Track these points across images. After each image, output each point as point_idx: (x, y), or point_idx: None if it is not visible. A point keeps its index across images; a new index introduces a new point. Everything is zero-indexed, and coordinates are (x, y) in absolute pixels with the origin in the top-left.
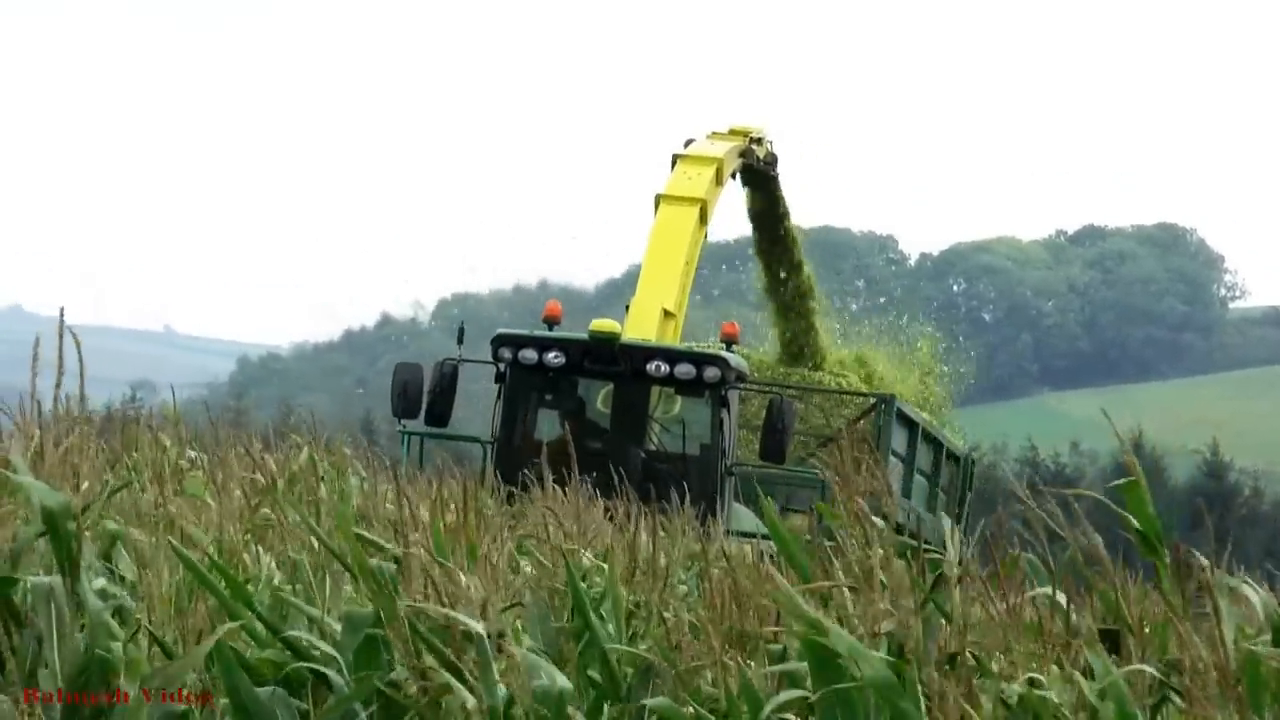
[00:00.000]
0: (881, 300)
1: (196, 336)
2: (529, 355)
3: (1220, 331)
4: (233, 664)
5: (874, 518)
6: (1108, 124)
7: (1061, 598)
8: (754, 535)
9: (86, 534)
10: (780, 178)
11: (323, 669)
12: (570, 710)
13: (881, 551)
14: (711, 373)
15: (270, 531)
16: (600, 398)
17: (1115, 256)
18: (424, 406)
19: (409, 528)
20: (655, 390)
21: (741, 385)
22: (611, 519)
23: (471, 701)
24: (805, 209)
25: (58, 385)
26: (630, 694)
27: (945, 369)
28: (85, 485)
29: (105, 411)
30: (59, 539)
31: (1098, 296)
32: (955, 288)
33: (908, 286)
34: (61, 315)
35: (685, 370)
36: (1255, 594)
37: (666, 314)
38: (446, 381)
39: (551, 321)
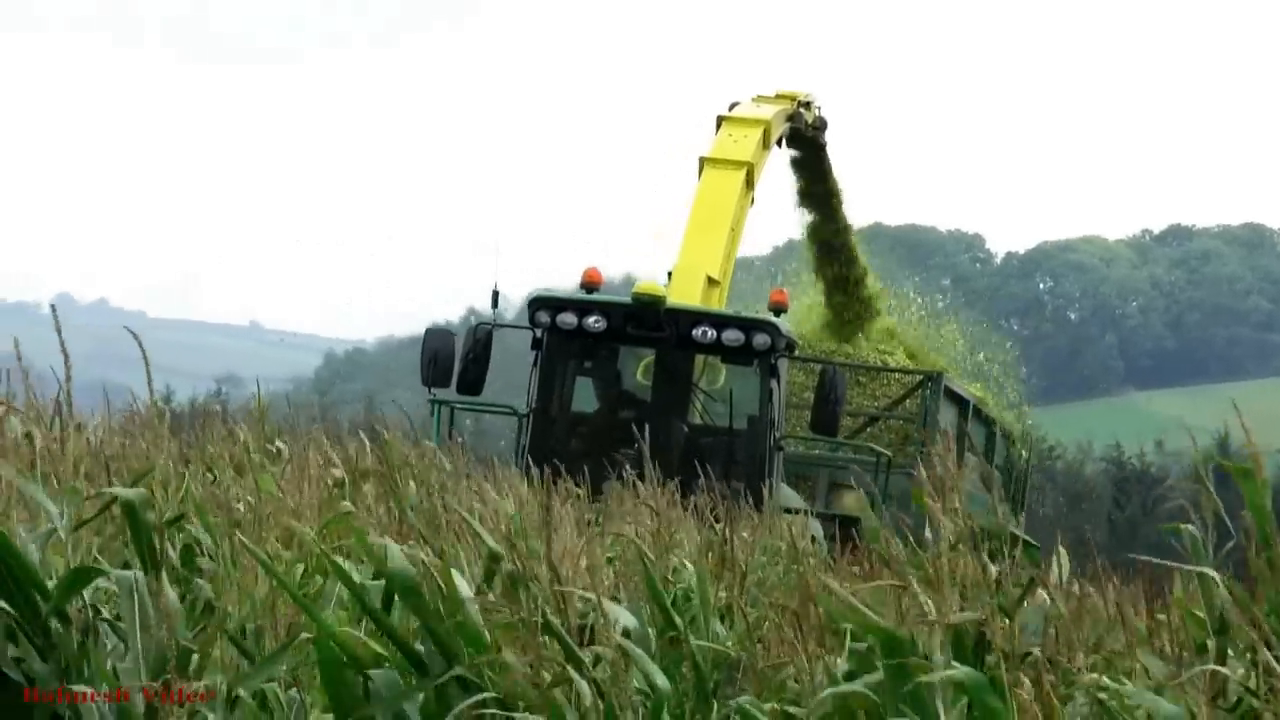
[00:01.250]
0: (963, 299)
1: (283, 331)
2: (568, 319)
3: None
4: (333, 654)
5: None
6: (1194, 123)
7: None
8: (797, 512)
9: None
10: (829, 144)
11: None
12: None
13: (960, 547)
14: (761, 340)
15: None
16: (640, 369)
17: (1200, 256)
18: (456, 374)
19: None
20: (699, 359)
21: (792, 355)
22: (693, 512)
23: (589, 696)
24: (892, 207)
25: (151, 382)
26: (717, 690)
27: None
28: (160, 478)
29: (189, 405)
30: (138, 531)
31: (1183, 296)
32: (1041, 286)
33: (995, 285)
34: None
35: (733, 337)
36: None
37: (711, 281)
38: (480, 348)
39: (591, 287)
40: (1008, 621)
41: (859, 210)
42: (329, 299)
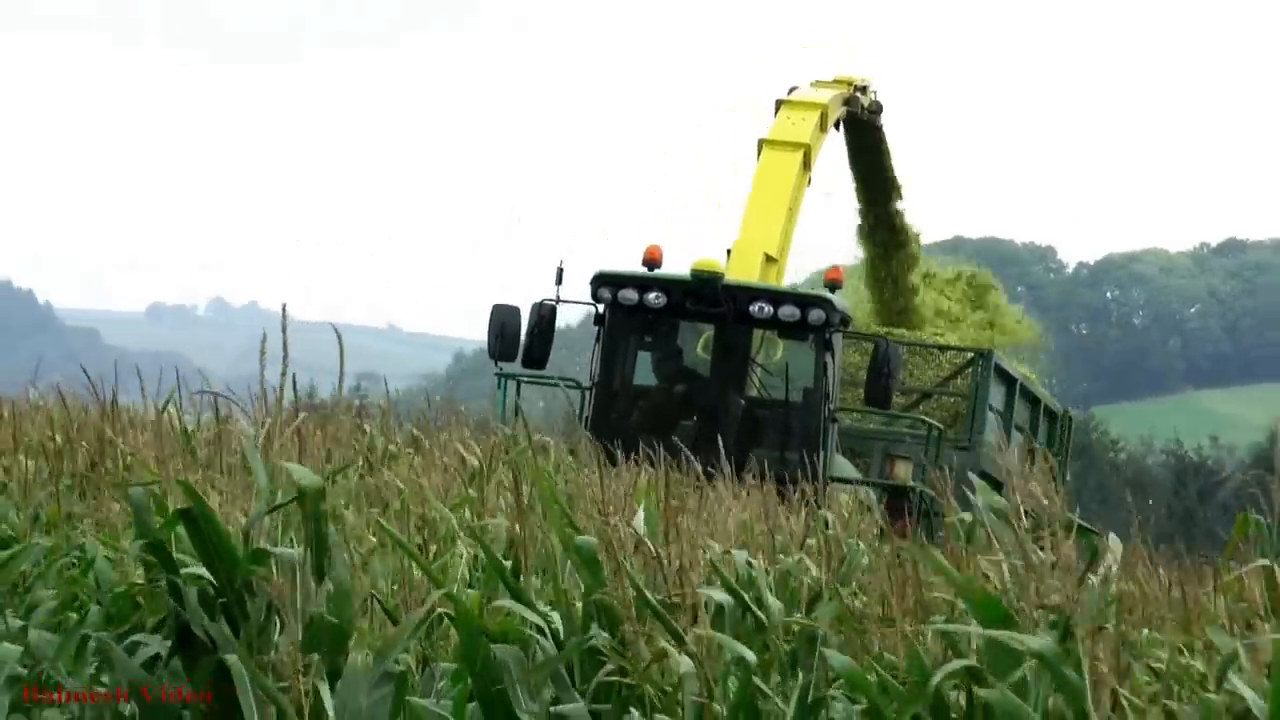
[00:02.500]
0: (1037, 308)
1: (418, 333)
2: (629, 295)
3: None
4: (473, 626)
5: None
6: (1249, 143)
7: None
8: (851, 482)
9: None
10: (885, 128)
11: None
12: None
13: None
14: (816, 315)
15: (469, 509)
16: (700, 343)
17: (1254, 267)
18: (521, 349)
19: (609, 509)
20: (757, 333)
21: (846, 330)
22: (784, 500)
23: (688, 666)
24: (973, 221)
25: (282, 374)
26: (796, 662)
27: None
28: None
29: (330, 400)
30: (311, 516)
31: (1238, 304)
32: (1109, 295)
33: (1066, 293)
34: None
35: (789, 312)
36: None
37: (769, 259)
38: (545, 323)
39: (652, 264)
40: (1084, 599)
41: (942, 224)
42: (462, 302)
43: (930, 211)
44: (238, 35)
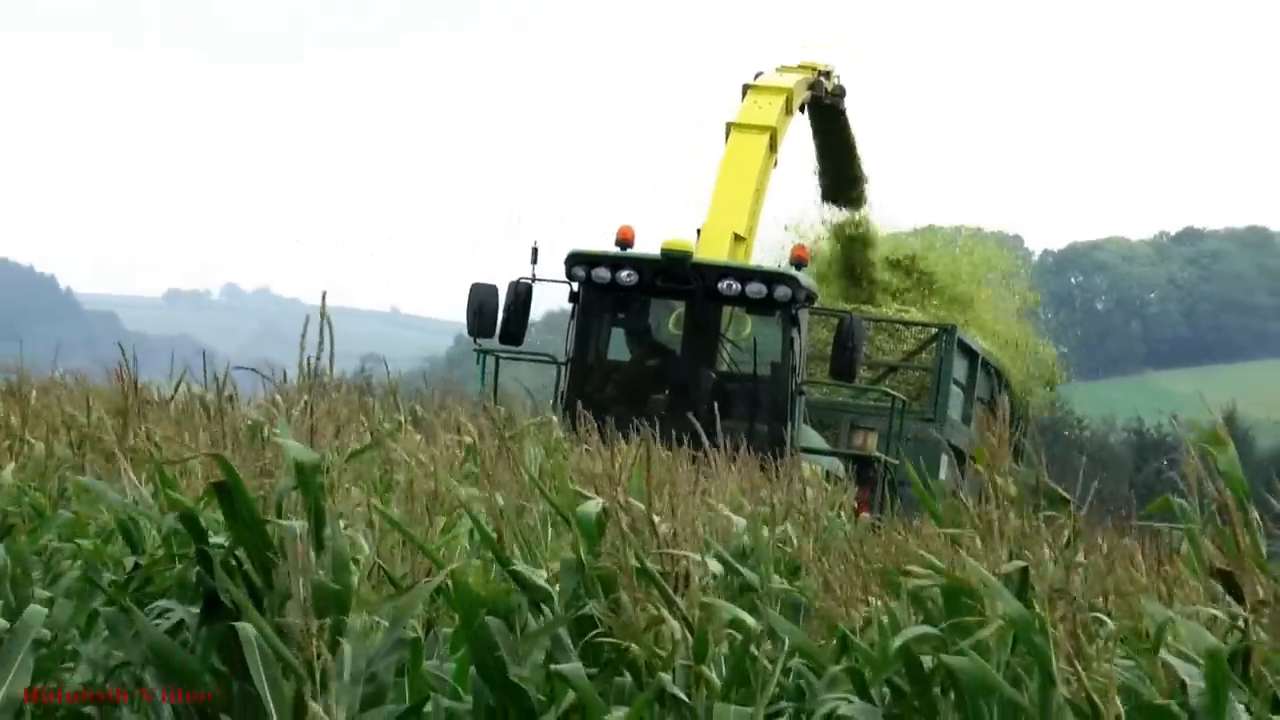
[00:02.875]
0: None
1: (419, 316)
2: (602, 274)
3: None
4: (470, 594)
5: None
6: (1206, 135)
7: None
8: (819, 452)
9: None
10: (848, 112)
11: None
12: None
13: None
14: (783, 292)
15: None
16: (671, 320)
17: (1211, 255)
18: (499, 325)
19: (613, 482)
20: (726, 310)
21: (812, 306)
22: (765, 471)
23: (680, 632)
24: (945, 209)
25: (316, 358)
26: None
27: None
28: (324, 442)
29: (340, 380)
30: (309, 490)
31: (1196, 290)
32: (1073, 280)
33: (1032, 279)
34: (324, 300)
35: (756, 289)
36: None
37: (737, 238)
38: (521, 301)
39: (624, 243)
40: (1051, 568)
41: (916, 211)
42: (461, 287)
43: (905, 199)
44: (238, 35)
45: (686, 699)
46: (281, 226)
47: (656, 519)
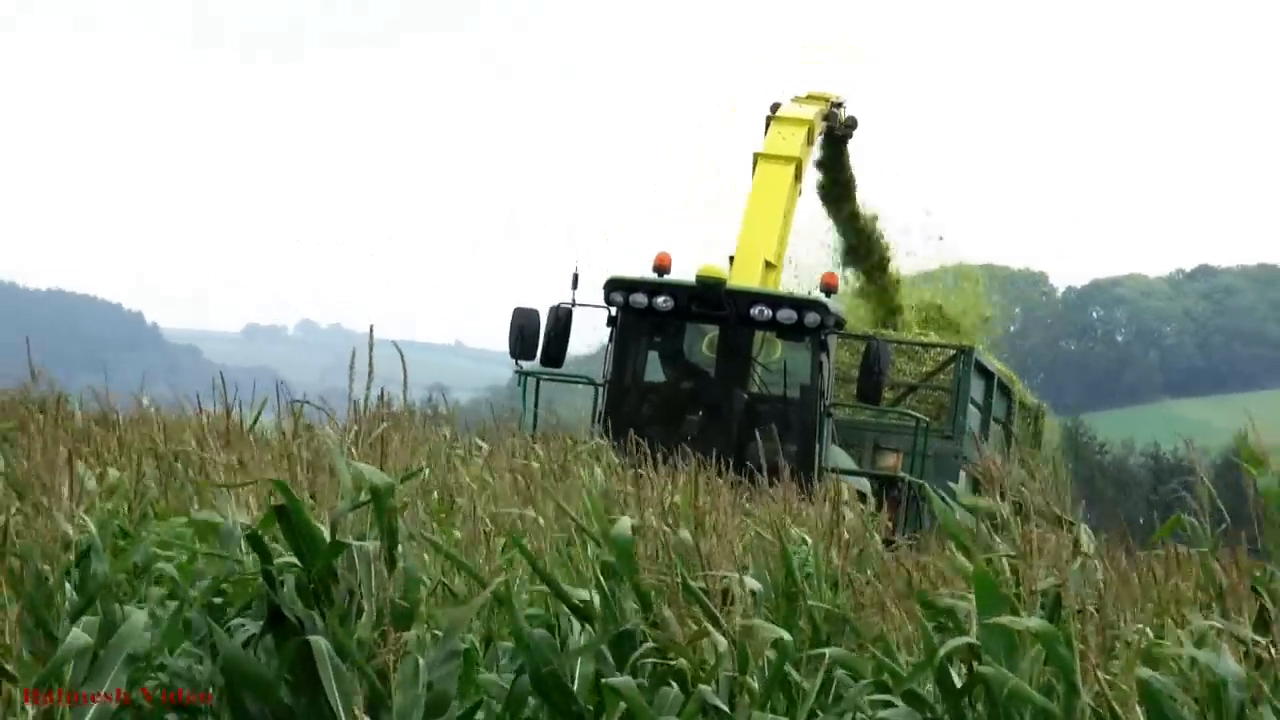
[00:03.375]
0: (1032, 326)
1: (483, 349)
2: (639, 299)
3: None
4: (514, 608)
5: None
6: (1219, 178)
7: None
8: (847, 472)
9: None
10: (850, 144)
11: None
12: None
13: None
14: (812, 318)
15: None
16: (705, 343)
17: (1224, 290)
18: (540, 348)
19: (647, 506)
20: (758, 335)
21: (840, 331)
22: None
23: (724, 645)
24: (977, 247)
25: (367, 388)
26: (829, 641)
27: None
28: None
29: (408, 409)
30: (382, 511)
31: (1210, 323)
32: (1094, 315)
33: (1057, 313)
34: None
35: (787, 315)
36: None
37: (768, 265)
38: (561, 325)
39: (661, 269)
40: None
41: (950, 250)
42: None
43: (940, 239)
44: (244, 35)
45: (728, 710)
46: (353, 265)
47: (691, 539)
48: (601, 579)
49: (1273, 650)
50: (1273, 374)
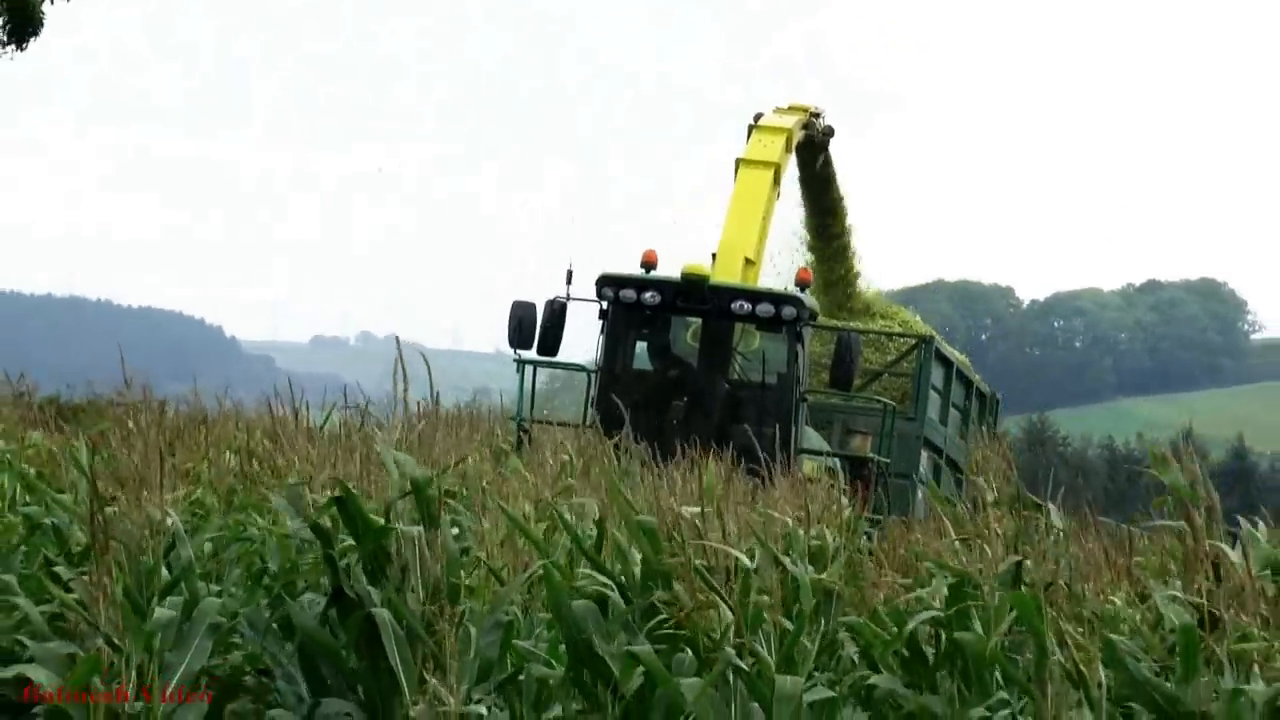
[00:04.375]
0: (1000, 335)
1: (524, 356)
2: (628, 294)
3: (1245, 355)
4: (558, 585)
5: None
6: (1166, 199)
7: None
8: (820, 453)
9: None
10: (831, 150)
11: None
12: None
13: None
14: (788, 311)
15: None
16: (689, 334)
17: (1169, 302)
18: (536, 339)
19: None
20: (738, 327)
21: (814, 323)
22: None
23: (729, 616)
24: (953, 265)
25: (405, 391)
26: (819, 611)
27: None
28: (437, 459)
29: (456, 410)
30: (422, 500)
31: (1157, 330)
32: (1056, 324)
33: (1023, 323)
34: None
35: (765, 309)
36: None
37: (748, 262)
38: (557, 317)
39: (649, 266)
40: (1043, 559)
41: (926, 268)
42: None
43: (917, 257)
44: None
45: (745, 669)
46: (407, 283)
47: (698, 523)
48: (632, 557)
49: (1219, 607)
50: (1210, 375)
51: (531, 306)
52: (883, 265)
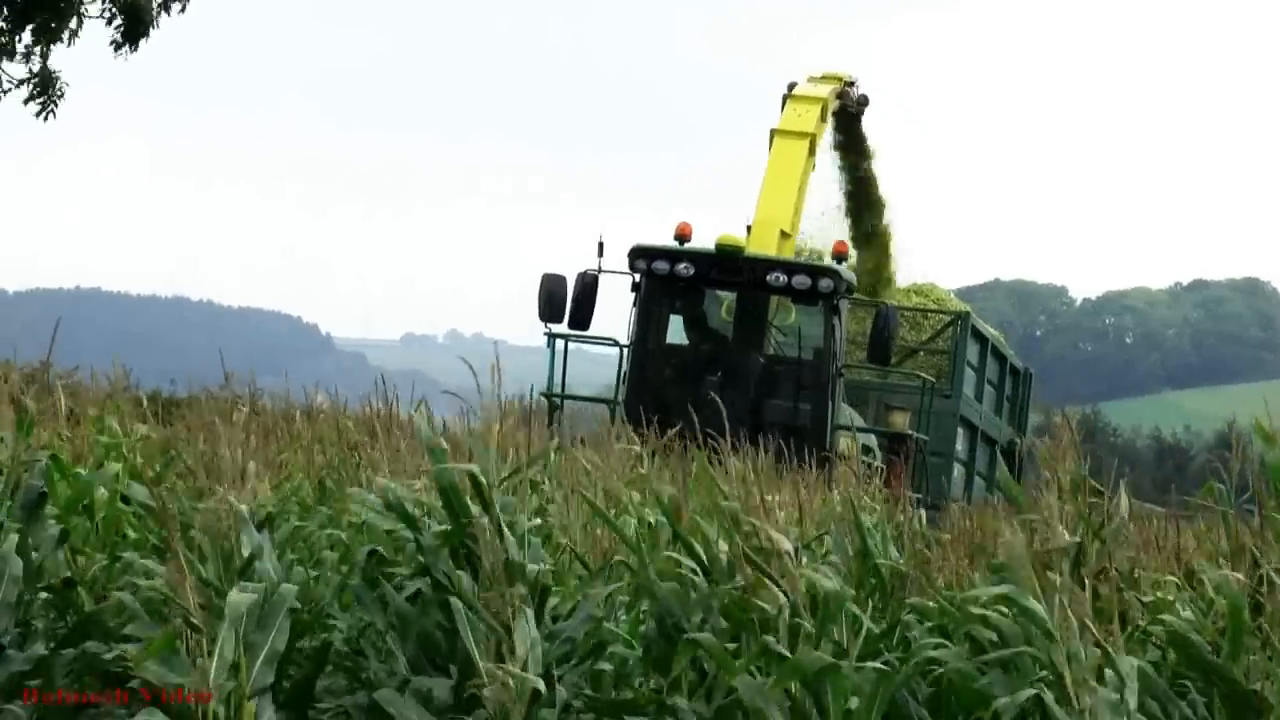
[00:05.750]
0: (1051, 332)
1: (598, 353)
2: (661, 266)
3: None
4: (645, 566)
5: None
6: (1212, 200)
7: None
8: (852, 429)
9: (517, 486)
10: (865, 120)
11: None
12: (848, 605)
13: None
14: (825, 283)
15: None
16: (724, 308)
17: (1215, 300)
18: (567, 312)
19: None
20: (773, 300)
21: (851, 296)
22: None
23: (782, 598)
24: (1009, 265)
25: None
26: (894, 591)
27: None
28: (515, 454)
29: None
30: (479, 493)
31: (1204, 327)
32: (1107, 321)
33: (1075, 320)
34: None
35: (801, 281)
36: None
37: (783, 234)
38: (588, 290)
39: (682, 238)
40: (1098, 544)
41: (983, 268)
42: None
43: (974, 257)
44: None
45: (789, 654)
46: (491, 283)
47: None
48: (708, 544)
49: (1267, 588)
50: (1254, 368)
51: (562, 279)
52: (941, 265)
